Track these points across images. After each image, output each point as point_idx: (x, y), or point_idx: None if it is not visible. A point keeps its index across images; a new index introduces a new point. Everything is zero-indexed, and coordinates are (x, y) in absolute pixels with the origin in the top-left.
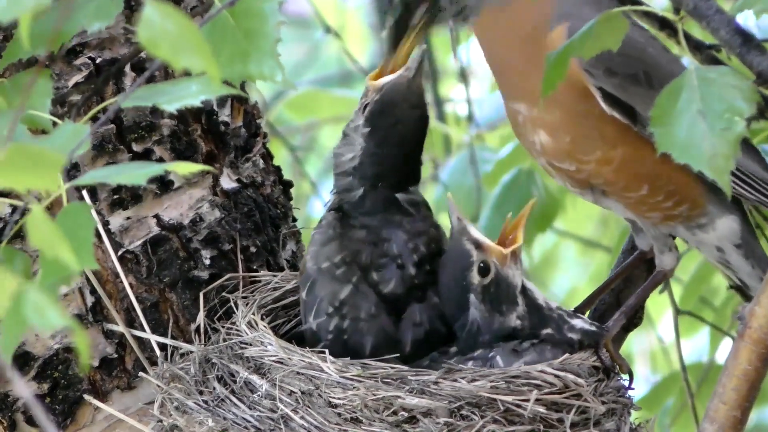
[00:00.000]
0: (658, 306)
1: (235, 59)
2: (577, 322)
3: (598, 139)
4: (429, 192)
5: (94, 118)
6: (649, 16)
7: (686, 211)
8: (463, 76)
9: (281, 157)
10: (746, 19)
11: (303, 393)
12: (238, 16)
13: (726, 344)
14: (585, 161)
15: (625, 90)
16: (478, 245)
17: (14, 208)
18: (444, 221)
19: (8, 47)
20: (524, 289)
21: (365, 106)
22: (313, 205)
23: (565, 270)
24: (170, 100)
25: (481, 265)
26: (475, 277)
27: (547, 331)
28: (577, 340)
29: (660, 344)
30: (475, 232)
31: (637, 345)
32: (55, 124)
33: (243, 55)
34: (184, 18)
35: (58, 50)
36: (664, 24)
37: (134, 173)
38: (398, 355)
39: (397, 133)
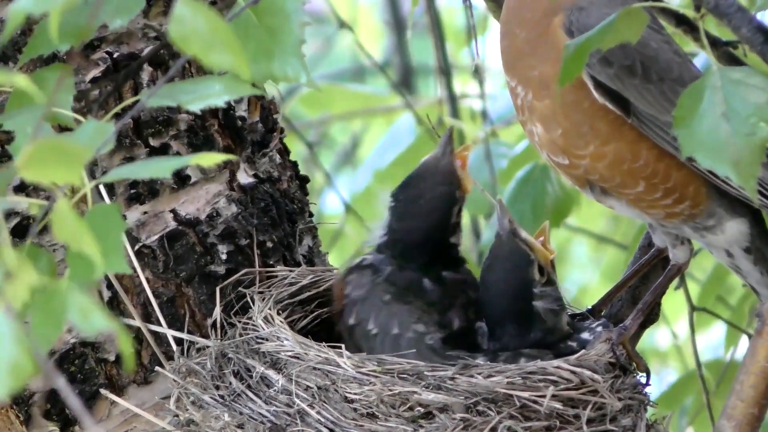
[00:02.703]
0: (673, 303)
1: (259, 59)
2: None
3: (590, 133)
4: None
5: (115, 115)
6: (666, 12)
7: (687, 209)
8: (478, 71)
9: (295, 151)
10: (763, 16)
11: (319, 388)
12: (262, 15)
13: (744, 340)
14: (578, 156)
15: (621, 81)
16: (530, 246)
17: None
18: None
19: (29, 42)
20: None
21: None
22: (327, 200)
23: (577, 266)
24: (194, 99)
25: (538, 265)
26: (535, 274)
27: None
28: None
29: (674, 344)
30: (526, 234)
31: (650, 342)
32: (77, 121)
33: (267, 54)
34: (214, 15)
35: (78, 45)
36: (680, 20)
37: (159, 166)
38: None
39: (419, 207)
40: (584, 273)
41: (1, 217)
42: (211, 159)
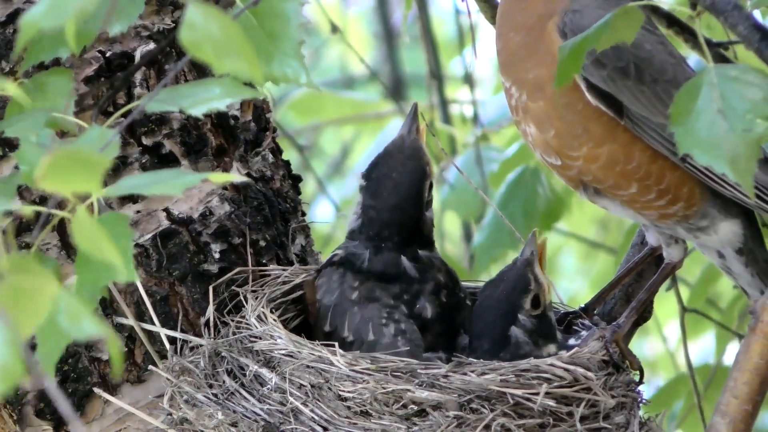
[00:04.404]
0: (664, 310)
1: (258, 60)
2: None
3: (583, 135)
4: (435, 192)
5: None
6: (658, 13)
7: (681, 210)
8: (469, 77)
9: (286, 158)
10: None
11: (313, 386)
12: (261, 16)
13: (732, 346)
14: (571, 157)
15: (614, 82)
16: (537, 280)
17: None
18: (449, 223)
19: (29, 49)
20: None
21: None
22: (318, 209)
23: (566, 276)
24: (195, 103)
25: (535, 297)
26: (527, 303)
27: None
28: None
29: (665, 348)
30: (539, 270)
31: (639, 352)
32: (78, 126)
33: (266, 56)
34: (227, 19)
35: (80, 53)
36: (672, 21)
37: (170, 183)
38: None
39: (391, 182)
40: (573, 283)
41: (3, 223)
42: (221, 177)
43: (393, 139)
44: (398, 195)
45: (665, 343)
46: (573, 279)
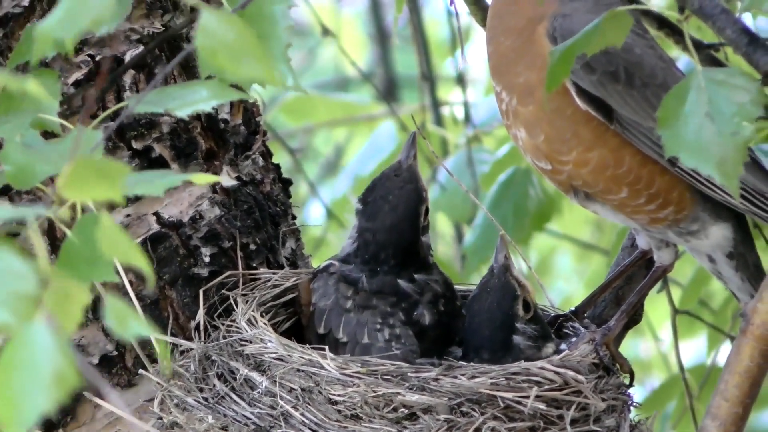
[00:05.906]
0: (657, 311)
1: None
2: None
3: (572, 140)
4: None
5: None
6: (648, 15)
7: (672, 214)
8: (461, 78)
9: (278, 161)
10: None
11: (303, 390)
12: (249, 19)
13: (725, 347)
14: (561, 162)
15: (604, 87)
16: (520, 283)
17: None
18: (441, 224)
19: (16, 49)
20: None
21: None
22: (311, 209)
23: (561, 278)
24: (181, 105)
25: (524, 301)
26: (519, 309)
27: None
28: None
29: (658, 349)
30: (517, 272)
31: (633, 353)
32: (63, 126)
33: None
34: (242, 24)
35: (66, 53)
36: (662, 23)
37: (152, 184)
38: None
39: (388, 204)
40: (569, 284)
41: (35, 226)
42: (204, 179)
43: (390, 165)
44: (394, 216)
45: (658, 345)
46: (569, 280)
